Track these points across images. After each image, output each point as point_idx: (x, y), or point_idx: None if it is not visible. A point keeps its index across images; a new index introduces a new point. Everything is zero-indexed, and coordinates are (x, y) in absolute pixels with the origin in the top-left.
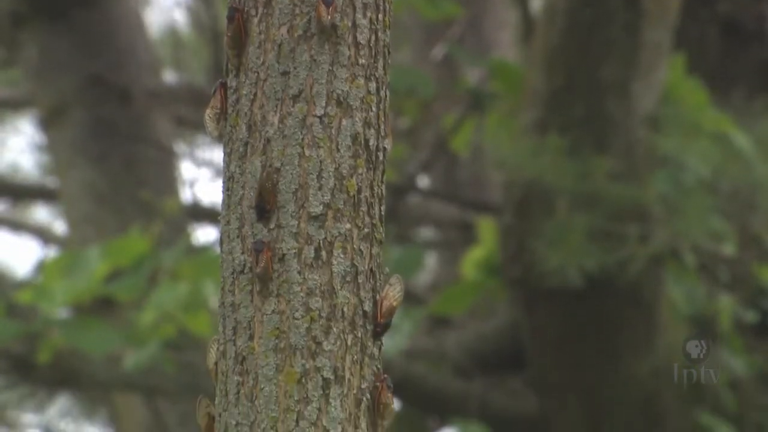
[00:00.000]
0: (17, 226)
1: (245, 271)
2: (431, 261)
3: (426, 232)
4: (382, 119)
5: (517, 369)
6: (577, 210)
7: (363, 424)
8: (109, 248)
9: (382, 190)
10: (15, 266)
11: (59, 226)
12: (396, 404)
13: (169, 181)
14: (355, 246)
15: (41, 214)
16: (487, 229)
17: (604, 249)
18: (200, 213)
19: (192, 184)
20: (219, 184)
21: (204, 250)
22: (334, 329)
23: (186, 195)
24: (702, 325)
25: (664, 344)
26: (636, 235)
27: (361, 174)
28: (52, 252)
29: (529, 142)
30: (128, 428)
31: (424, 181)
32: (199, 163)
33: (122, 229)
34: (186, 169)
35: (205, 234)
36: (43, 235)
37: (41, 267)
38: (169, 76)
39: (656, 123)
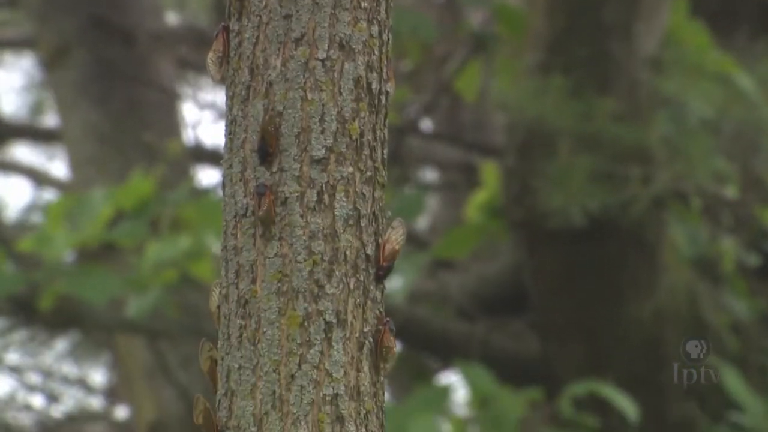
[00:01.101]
0: (7, 167)
1: (248, 215)
2: (433, 203)
3: (428, 174)
4: (385, 62)
5: (520, 311)
6: (580, 151)
7: (365, 367)
8: (113, 192)
9: (384, 133)
10: (6, 207)
11: (53, 168)
12: (398, 347)
13: (171, 123)
14: (357, 189)
15: (30, 154)
16: (490, 172)
17: (607, 190)
18: (203, 155)
19: (194, 127)
20: (221, 126)
21: (207, 192)
22: (337, 273)
23: (188, 137)
24: (705, 267)
25: (667, 286)
26: (638, 176)
27: (364, 117)
28: (46, 194)
29: (531, 84)
30: (130, 370)
31: (426, 124)
32: (202, 105)
33: (125, 171)
34: (188, 111)
35: (208, 176)
36: (35, 176)
37: (45, 210)
38: (172, 18)
39: (659, 65)
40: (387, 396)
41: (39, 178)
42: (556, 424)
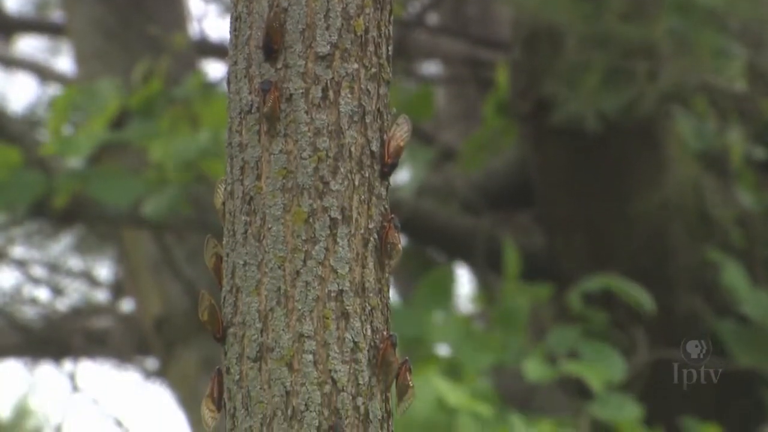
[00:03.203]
0: (12, 62)
1: (252, 111)
2: (438, 96)
3: (433, 68)
4: None
5: (526, 205)
6: (587, 48)
7: (370, 264)
8: (119, 86)
9: (389, 29)
10: (10, 102)
11: (58, 63)
12: (404, 242)
13: (177, 17)
14: (362, 86)
15: (35, 49)
16: (503, 71)
17: (614, 87)
18: (208, 49)
19: (200, 20)
20: (227, 20)
21: (214, 87)
22: (342, 169)
23: (194, 31)
24: (711, 161)
25: (674, 180)
26: (645, 72)
27: (369, 14)
28: (52, 89)
29: None
30: (136, 264)
31: (432, 18)
32: None
33: (130, 65)
34: (194, 4)
35: (213, 70)
36: (40, 71)
37: (51, 104)
38: None
39: None
40: (392, 292)
41: (44, 73)
42: (564, 319)
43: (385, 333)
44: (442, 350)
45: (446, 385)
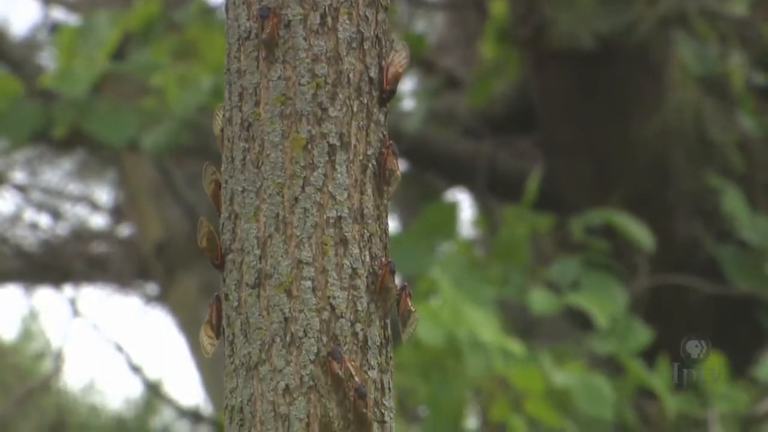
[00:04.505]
0: None
1: (251, 38)
2: (438, 21)
3: None
4: None
5: (526, 130)
6: None
7: (369, 190)
8: (119, 16)
9: None
10: (12, 25)
11: None
12: (404, 167)
13: None
14: (360, 12)
15: None
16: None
17: (614, 11)
18: None
19: None
20: None
21: (212, 13)
22: (340, 95)
23: None
24: (712, 86)
25: (674, 105)
26: None
27: None
28: (54, 12)
29: None
30: (137, 189)
31: None
32: None
33: None
34: None
35: None
36: None
37: (56, 43)
38: None
39: None
40: (391, 219)
41: None
42: (565, 248)
43: (383, 259)
44: (444, 284)
45: (477, 316)
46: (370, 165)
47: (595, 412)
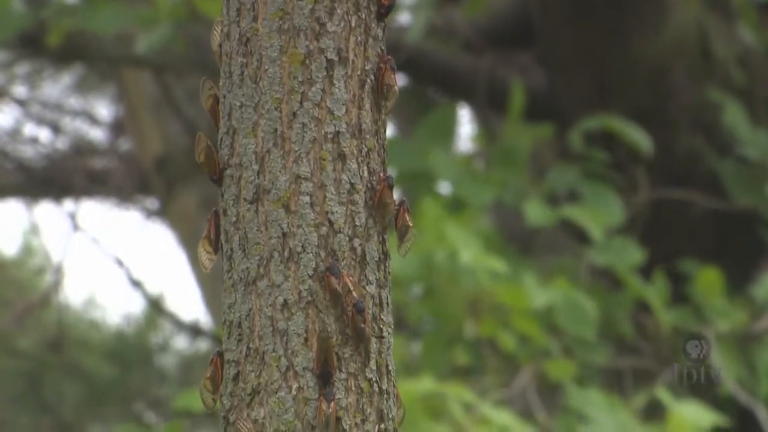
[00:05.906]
0: None
1: None
2: None
3: None
4: None
5: (527, 44)
6: None
7: (367, 105)
8: None
9: None
10: None
11: None
12: (405, 82)
13: None
14: None
15: None
16: None
17: None
18: None
19: None
20: None
21: None
22: (338, 10)
23: None
24: (715, 0)
25: (676, 19)
26: None
27: None
28: None
29: None
30: (136, 104)
31: None
32: None
33: None
34: None
35: None
36: None
37: None
38: None
39: None
40: (391, 133)
41: None
42: (565, 159)
43: (381, 174)
44: (443, 187)
45: (459, 234)
46: (368, 80)
47: (577, 330)
